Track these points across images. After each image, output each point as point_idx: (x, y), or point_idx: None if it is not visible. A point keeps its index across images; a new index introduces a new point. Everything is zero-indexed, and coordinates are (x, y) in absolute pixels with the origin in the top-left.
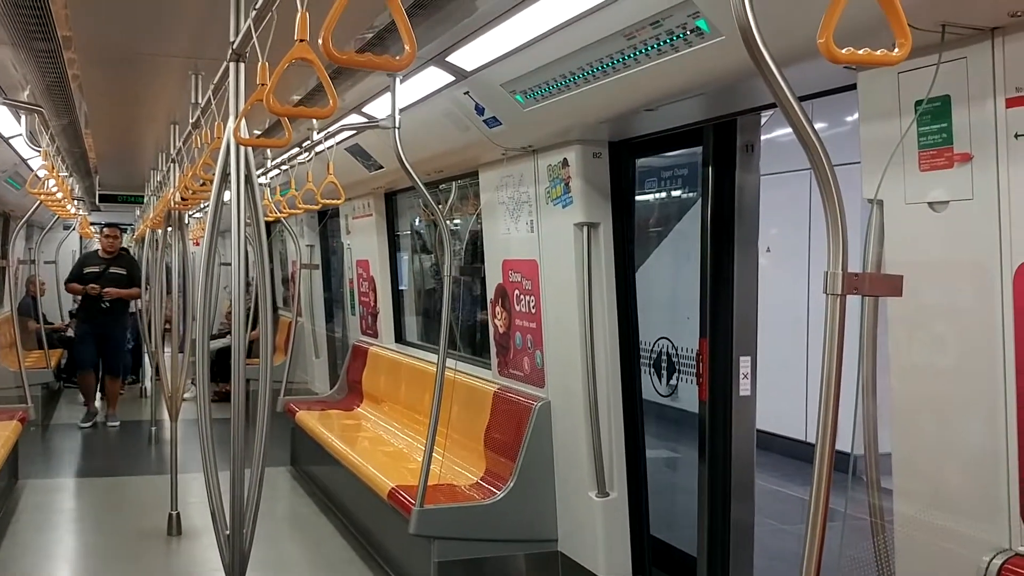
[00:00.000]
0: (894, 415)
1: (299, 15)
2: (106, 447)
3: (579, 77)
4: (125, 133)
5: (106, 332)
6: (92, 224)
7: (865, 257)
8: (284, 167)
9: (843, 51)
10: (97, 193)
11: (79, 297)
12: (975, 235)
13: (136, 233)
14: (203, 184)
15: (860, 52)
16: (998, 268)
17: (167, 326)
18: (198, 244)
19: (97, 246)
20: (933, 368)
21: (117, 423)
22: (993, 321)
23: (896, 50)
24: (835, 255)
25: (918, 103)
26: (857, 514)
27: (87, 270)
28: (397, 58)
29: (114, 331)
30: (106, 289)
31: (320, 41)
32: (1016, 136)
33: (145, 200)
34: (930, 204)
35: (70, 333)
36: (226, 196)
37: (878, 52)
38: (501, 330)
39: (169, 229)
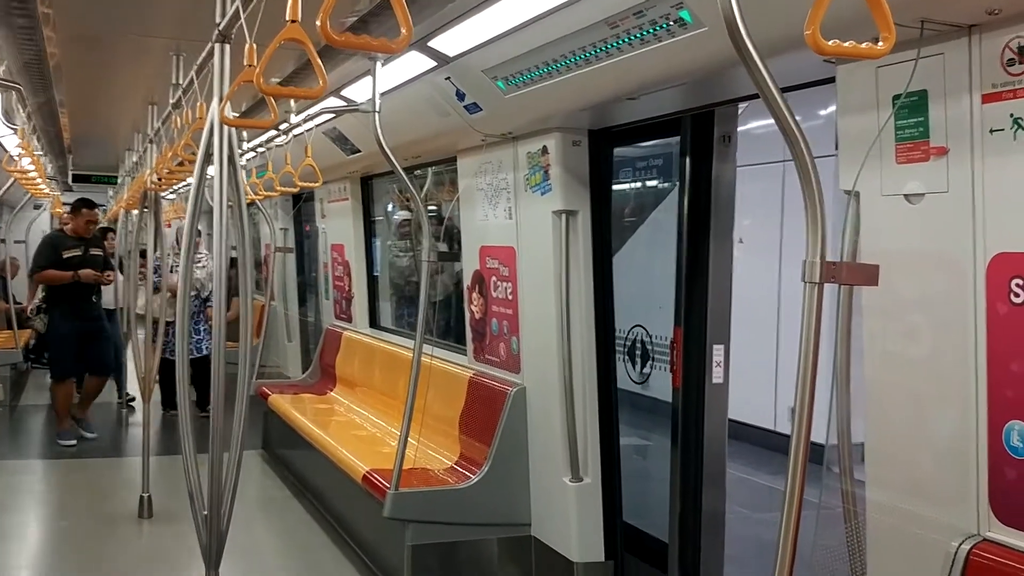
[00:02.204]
0: (868, 404)
1: None
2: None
3: (562, 64)
4: (101, 113)
5: (94, 329)
6: (64, 204)
7: (842, 247)
8: (261, 149)
9: (829, 43)
10: (70, 173)
11: (41, 289)
12: (950, 227)
13: (109, 213)
14: (180, 164)
15: (846, 45)
16: (971, 260)
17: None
18: (170, 226)
19: (61, 225)
20: (906, 357)
21: (95, 435)
22: (966, 312)
23: (880, 44)
24: (814, 244)
25: (896, 97)
26: (830, 502)
27: (67, 254)
28: (392, 41)
29: (102, 326)
30: (107, 274)
31: (317, 23)
32: (991, 131)
33: (119, 180)
34: (906, 196)
35: (36, 327)
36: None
37: (863, 45)
38: (477, 316)
39: (145, 210)
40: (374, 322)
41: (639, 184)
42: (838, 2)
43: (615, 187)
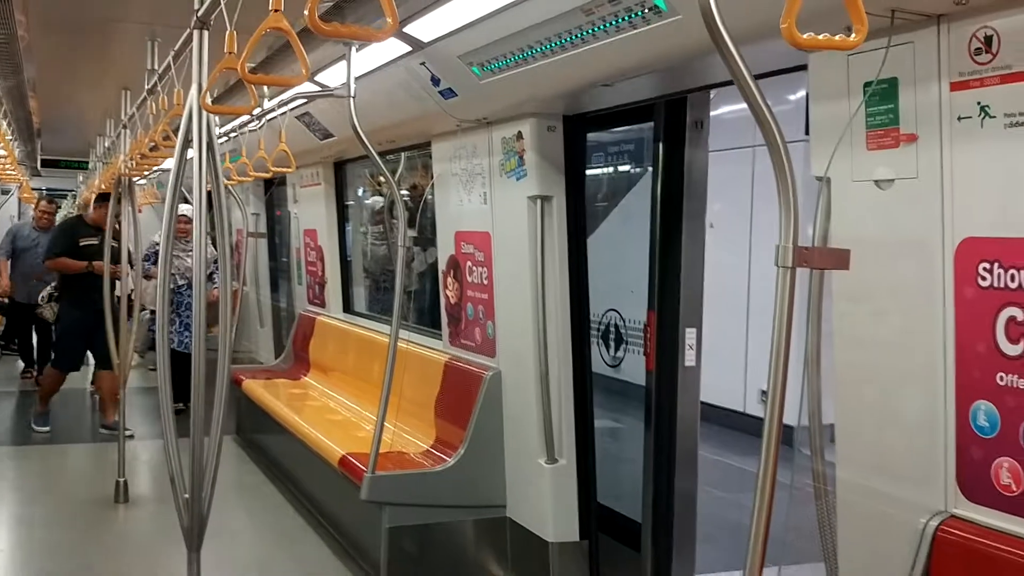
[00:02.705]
0: (838, 385)
1: None
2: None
3: (537, 51)
4: (72, 97)
5: (99, 320)
6: (34, 189)
7: (813, 232)
8: (233, 134)
9: (804, 36)
10: (39, 157)
11: (52, 277)
12: (919, 212)
13: (80, 199)
14: (154, 148)
15: (820, 37)
16: (940, 244)
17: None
18: (141, 211)
19: (80, 212)
20: (876, 339)
21: (131, 432)
22: (934, 295)
23: (853, 35)
24: (786, 229)
25: (867, 85)
26: (802, 482)
27: (83, 242)
28: (379, 29)
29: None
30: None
31: (306, 12)
32: (959, 119)
33: (91, 166)
34: (876, 182)
35: (46, 315)
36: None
37: (836, 37)
38: (452, 301)
39: (120, 195)
40: (348, 307)
41: (611, 169)
42: None
43: (590, 172)
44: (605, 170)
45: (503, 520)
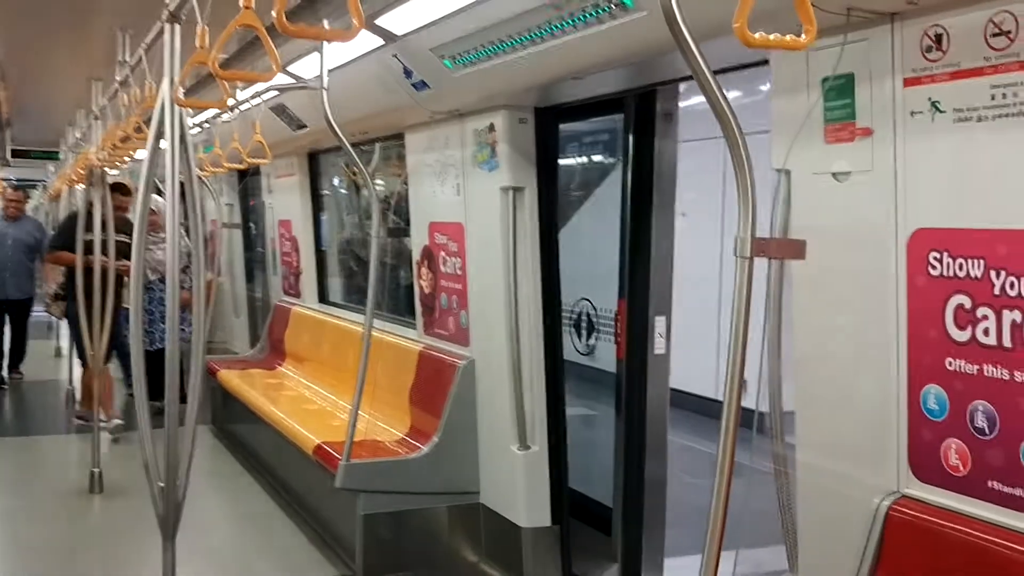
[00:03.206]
0: (796, 370)
1: None
2: (20, 406)
3: (508, 45)
4: (42, 87)
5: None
6: (3, 179)
7: (772, 223)
8: (206, 125)
9: (756, 36)
10: (8, 148)
11: (62, 273)
12: (873, 204)
13: (51, 190)
14: (125, 139)
15: (771, 37)
16: (893, 235)
17: None
18: None
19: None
20: (833, 326)
21: (122, 422)
22: (888, 283)
23: (803, 36)
24: (744, 221)
25: (824, 80)
26: (763, 465)
27: (87, 237)
28: (345, 30)
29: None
30: (123, 263)
31: (274, 13)
32: (912, 114)
33: (61, 156)
34: (834, 174)
35: (54, 313)
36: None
37: (787, 37)
38: (427, 291)
39: (91, 186)
40: (323, 297)
41: (585, 159)
42: None
43: (562, 162)
44: (579, 160)
45: (477, 506)
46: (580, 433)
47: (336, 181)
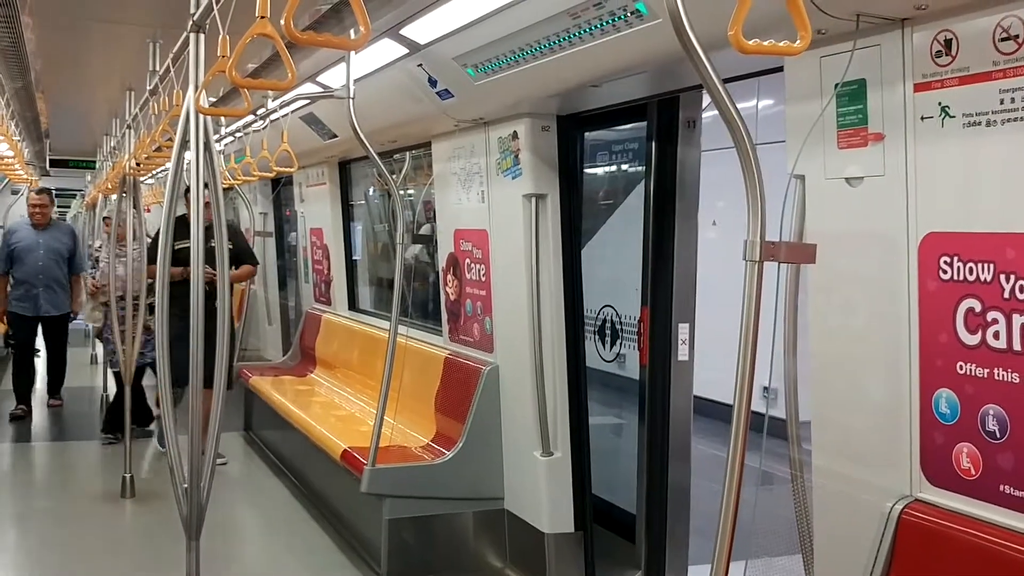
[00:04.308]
0: (812, 374)
1: None
2: (56, 412)
3: (528, 53)
4: (78, 97)
5: (211, 331)
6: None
7: (787, 227)
8: (238, 134)
9: (751, 42)
10: (48, 158)
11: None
12: (886, 209)
13: (88, 198)
14: (158, 149)
15: (765, 44)
16: (905, 239)
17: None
18: (149, 211)
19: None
20: (847, 330)
21: (225, 460)
22: (901, 287)
23: (798, 42)
24: (754, 225)
25: (837, 86)
26: (782, 470)
27: (178, 245)
28: (353, 37)
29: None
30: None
31: (283, 21)
32: (922, 118)
33: (98, 165)
34: (847, 179)
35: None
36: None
37: (781, 43)
38: (452, 297)
39: (124, 195)
40: (353, 305)
41: (614, 168)
42: (769, 0)
43: (592, 171)
44: (609, 168)
45: (501, 512)
46: (610, 441)
47: (370, 191)
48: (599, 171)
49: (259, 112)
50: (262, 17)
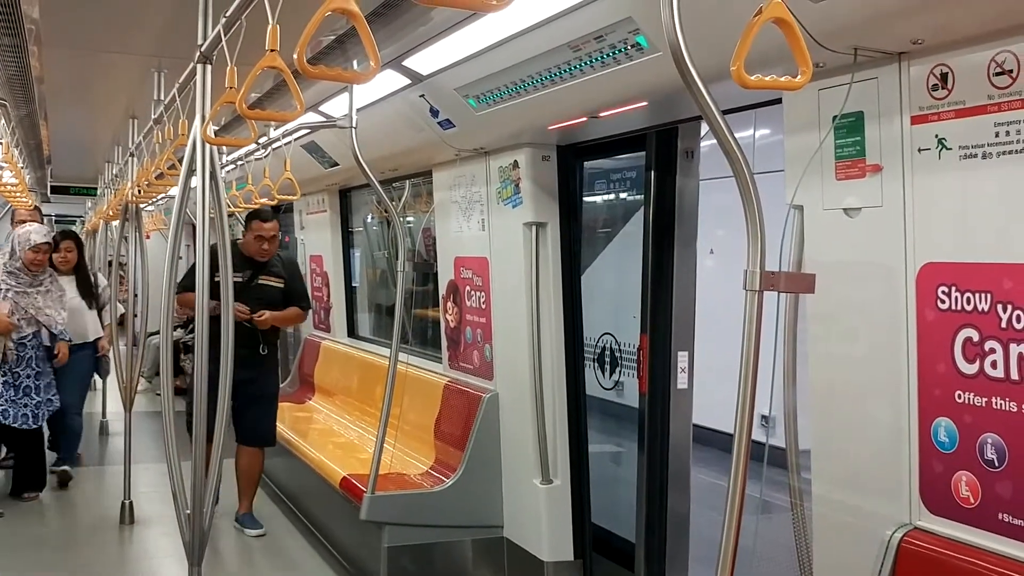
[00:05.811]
0: (812, 402)
1: (270, 27)
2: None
3: (529, 84)
4: (81, 125)
5: (251, 379)
6: (47, 215)
7: (785, 257)
8: (240, 162)
9: (753, 77)
10: (49, 184)
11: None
12: (884, 239)
13: (88, 225)
14: (159, 177)
15: (766, 79)
16: (903, 268)
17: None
18: (149, 237)
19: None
20: (846, 359)
21: (262, 530)
22: (899, 316)
23: (799, 76)
24: (754, 255)
25: (835, 118)
26: (781, 498)
27: (237, 278)
28: (358, 69)
29: (258, 386)
30: (259, 315)
31: (295, 55)
32: (919, 150)
33: (99, 192)
34: (845, 210)
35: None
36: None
37: (782, 78)
38: (452, 325)
39: (126, 221)
40: (352, 332)
41: (613, 196)
42: (769, 35)
43: (591, 199)
44: (607, 197)
45: (500, 540)
46: (607, 469)
47: (369, 218)
48: (598, 199)
49: (262, 141)
50: (272, 50)
